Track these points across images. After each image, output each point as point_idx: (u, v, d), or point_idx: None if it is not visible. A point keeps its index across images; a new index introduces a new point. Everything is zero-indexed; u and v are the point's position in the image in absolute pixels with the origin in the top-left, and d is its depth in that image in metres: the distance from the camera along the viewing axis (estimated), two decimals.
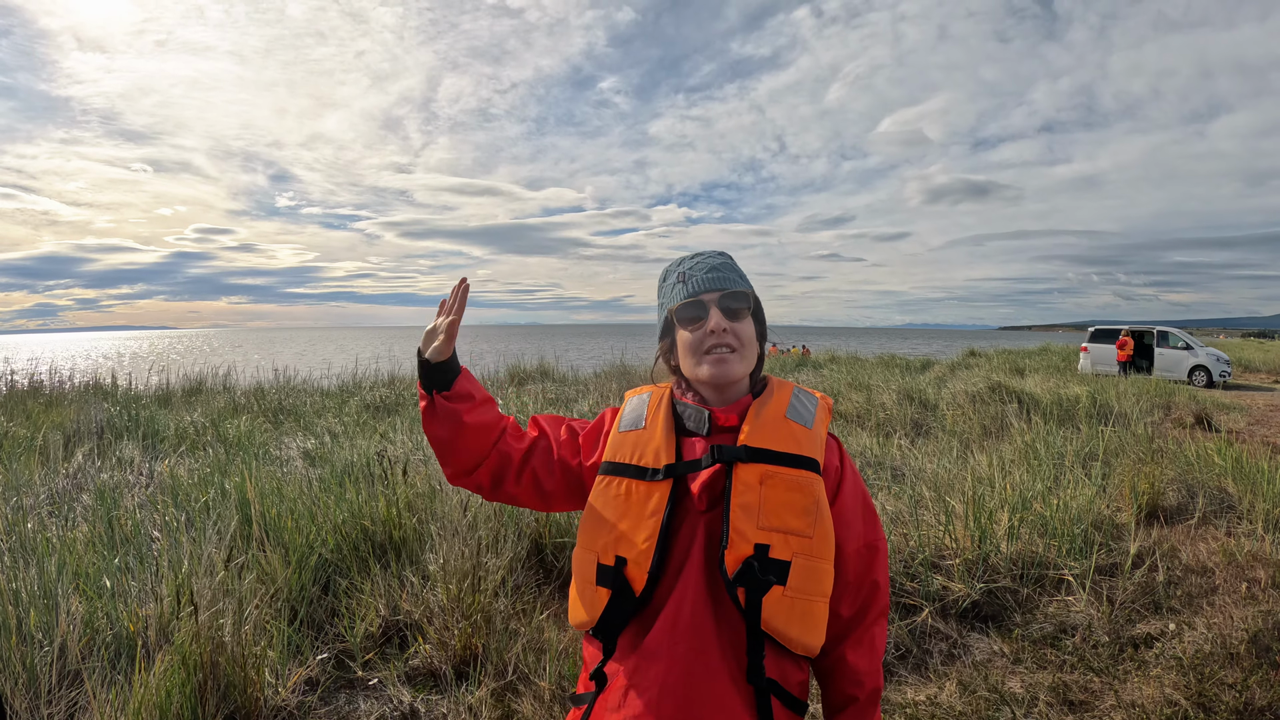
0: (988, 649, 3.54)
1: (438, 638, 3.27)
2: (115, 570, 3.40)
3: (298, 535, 3.91)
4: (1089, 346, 22.25)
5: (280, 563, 3.61)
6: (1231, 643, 3.39)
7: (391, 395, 11.65)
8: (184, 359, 21.16)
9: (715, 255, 1.39)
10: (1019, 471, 5.64)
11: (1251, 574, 4.18)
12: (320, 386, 13.24)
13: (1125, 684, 3.19)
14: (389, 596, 3.59)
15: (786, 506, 1.22)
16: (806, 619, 1.21)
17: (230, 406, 10.51)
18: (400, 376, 14.47)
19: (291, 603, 3.51)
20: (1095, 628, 3.66)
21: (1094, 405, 10.52)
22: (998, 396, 10.85)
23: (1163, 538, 4.87)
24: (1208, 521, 5.31)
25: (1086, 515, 4.81)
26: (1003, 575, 4.08)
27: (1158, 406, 11.85)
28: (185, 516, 4.12)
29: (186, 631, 2.68)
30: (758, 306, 1.39)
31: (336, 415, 9.46)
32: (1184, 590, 4.08)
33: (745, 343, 1.33)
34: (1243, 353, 32.83)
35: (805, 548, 1.21)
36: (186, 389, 12.72)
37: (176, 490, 4.72)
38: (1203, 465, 6.56)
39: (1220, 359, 20.24)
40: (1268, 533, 4.85)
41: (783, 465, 1.25)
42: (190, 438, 7.69)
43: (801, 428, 1.31)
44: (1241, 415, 12.10)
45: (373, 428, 8.17)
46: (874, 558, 1.34)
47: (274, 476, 4.95)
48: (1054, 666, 3.36)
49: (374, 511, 4.24)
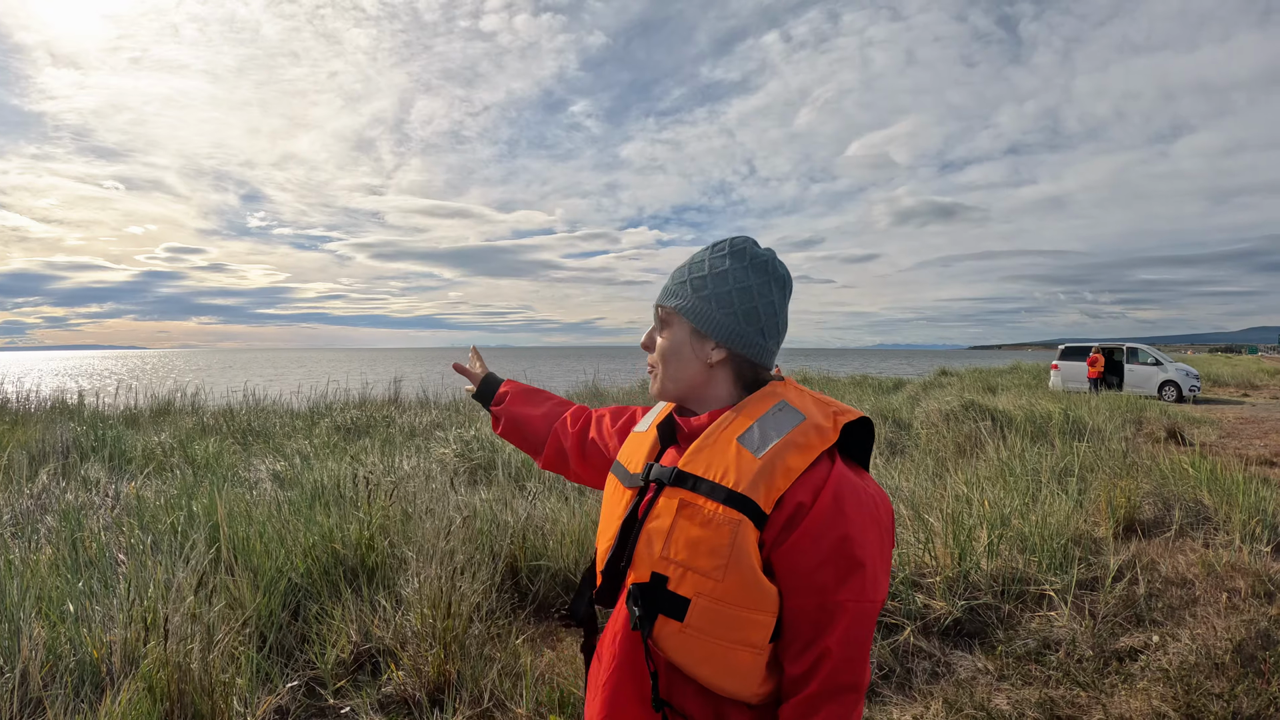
0: (971, 666, 3.50)
1: (411, 664, 3.17)
2: (79, 594, 3.28)
3: (267, 559, 3.80)
4: (1060, 364, 22.56)
5: (249, 587, 3.49)
6: (1216, 653, 3.39)
7: (362, 417, 11.46)
8: (152, 379, 20.79)
9: (697, 254, 1.27)
10: (996, 488, 5.64)
11: (1231, 584, 4.19)
12: (290, 408, 13.03)
13: (1112, 697, 3.17)
14: (361, 622, 3.48)
15: (694, 542, 1.09)
16: (717, 663, 1.09)
17: (199, 427, 10.29)
18: (371, 399, 14.27)
19: (260, 628, 3.40)
20: (1079, 642, 3.63)
21: (1067, 421, 10.61)
22: (971, 414, 10.92)
23: (1141, 551, 4.89)
24: (1184, 534, 5.33)
25: (1065, 530, 4.81)
26: (984, 592, 4.06)
27: (1130, 421, 11.99)
28: (151, 539, 3.98)
29: (153, 658, 2.57)
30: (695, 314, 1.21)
31: (306, 437, 9.29)
32: (1165, 602, 4.08)
33: (660, 360, 1.26)
34: (1211, 367, 33.46)
35: (711, 590, 1.07)
36: (154, 409, 12.46)
37: (143, 512, 4.58)
38: (1177, 478, 6.61)
39: (1189, 374, 20.58)
40: (1245, 543, 4.88)
41: (704, 496, 1.10)
42: (158, 459, 7.51)
43: (748, 455, 1.10)
44: (1213, 428, 12.27)
45: (343, 450, 8.02)
46: (831, 620, 1.07)
47: (243, 499, 4.82)
48: (1039, 682, 3.33)
49: (346, 535, 4.13)
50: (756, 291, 1.21)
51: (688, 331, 1.23)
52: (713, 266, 1.23)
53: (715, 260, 1.23)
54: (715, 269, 1.22)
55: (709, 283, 1.22)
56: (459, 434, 8.61)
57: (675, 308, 1.24)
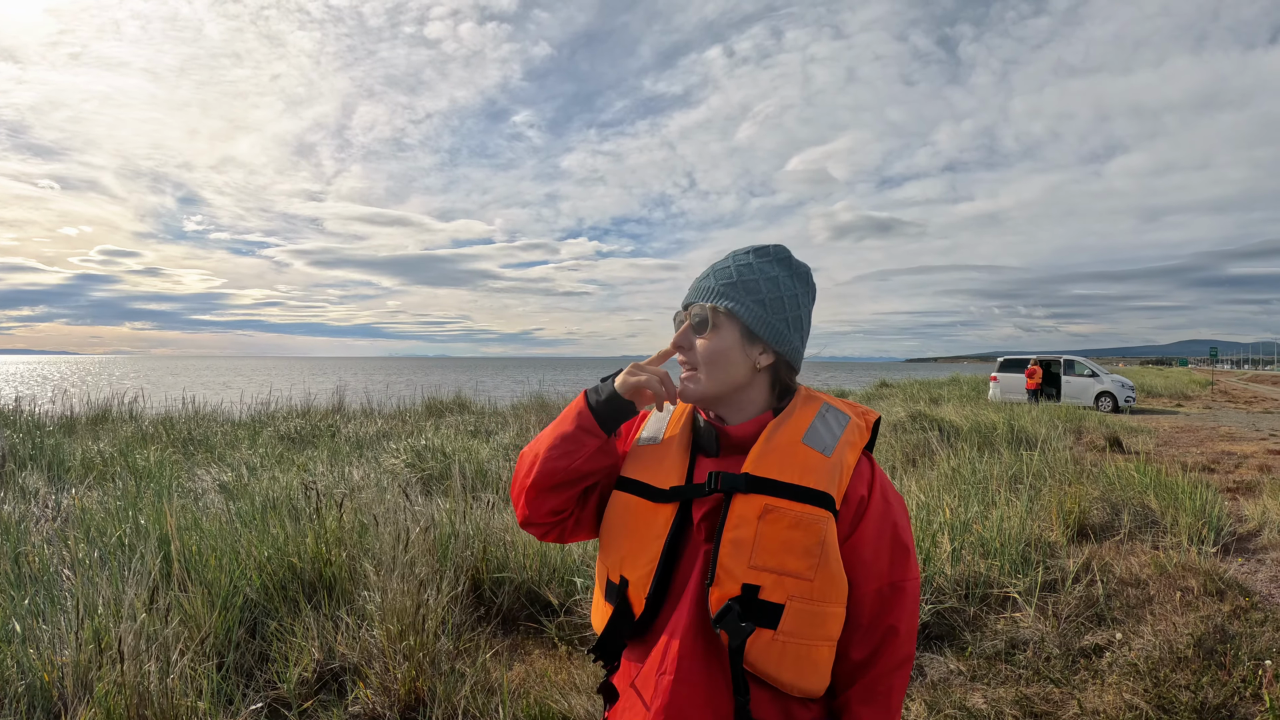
0: (944, 668, 3.52)
1: (379, 682, 3.04)
2: (24, 613, 3.06)
3: (221, 573, 3.62)
4: (999, 376, 23.12)
5: (204, 603, 3.32)
6: (1179, 647, 3.51)
7: (306, 426, 11.16)
8: (88, 385, 19.93)
9: (739, 256, 1.26)
10: (953, 496, 5.73)
11: (1184, 583, 4.33)
12: (231, 417, 12.61)
13: (1085, 692, 3.24)
14: (323, 639, 3.34)
15: (785, 546, 1.10)
16: (802, 664, 1.11)
17: (138, 435, 9.87)
18: (314, 408, 13.90)
19: (218, 647, 3.22)
20: (1046, 641, 3.70)
21: (1011, 431, 10.90)
22: (919, 425, 11.13)
23: (1095, 553, 5.01)
24: (1134, 537, 5.50)
25: (1021, 535, 4.90)
26: (949, 596, 4.11)
27: (1069, 431, 12.37)
28: (98, 553, 3.77)
29: (109, 681, 2.41)
30: (751, 318, 1.20)
31: (250, 447, 8.98)
32: (1123, 602, 4.19)
33: (705, 360, 1.20)
34: (1144, 379, 34.78)
35: (804, 591, 1.09)
36: (92, 416, 11.91)
37: (88, 524, 4.33)
38: (1124, 484, 6.82)
39: (1125, 385, 21.28)
40: (1193, 545, 5.05)
41: (788, 499, 1.12)
42: (98, 468, 7.17)
43: (818, 455, 1.15)
44: (1149, 437, 12.72)
45: (290, 460, 7.77)
46: (896, 600, 1.16)
47: (190, 510, 4.61)
48: (1013, 681, 3.37)
49: (302, 548, 3.97)
50: (800, 300, 1.26)
51: (738, 334, 1.22)
52: (763, 272, 1.24)
53: (764, 266, 1.24)
54: (766, 274, 1.24)
55: (763, 287, 1.23)
56: (410, 444, 8.43)
57: (730, 309, 1.21)
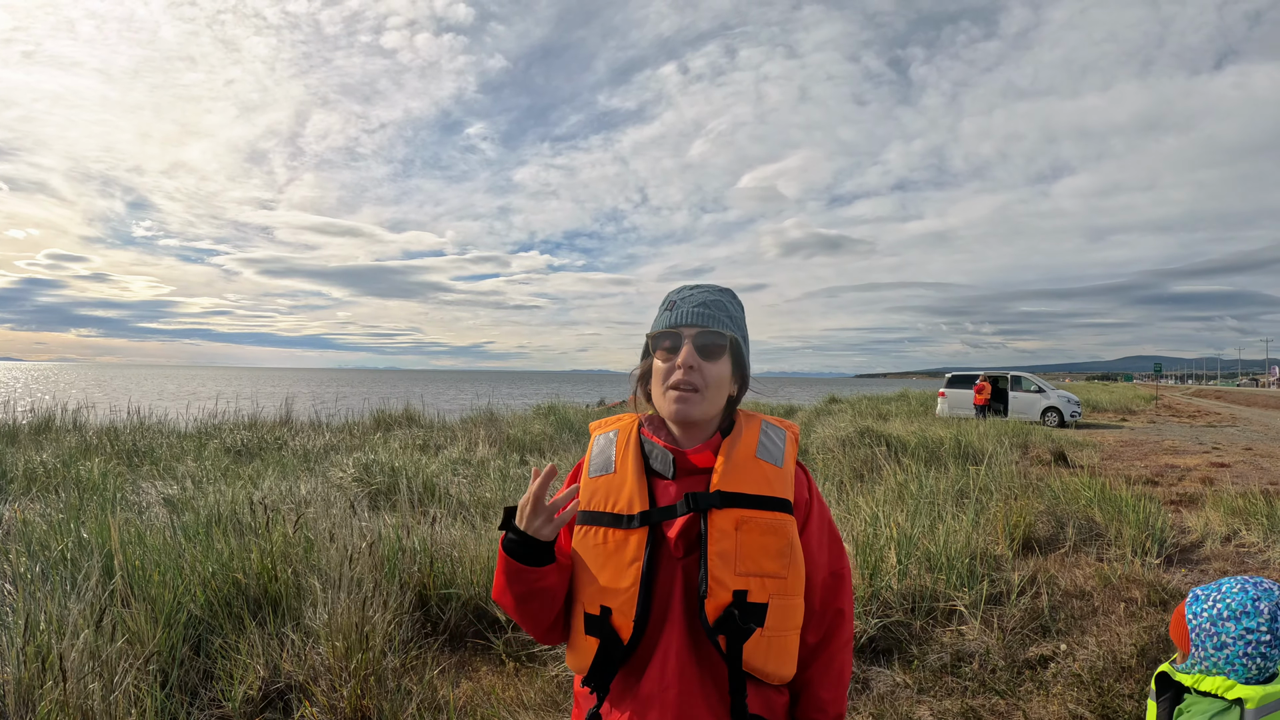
0: (890, 681, 3.56)
1: (325, 700, 2.99)
2: None
3: (165, 589, 3.51)
4: (946, 391, 23.37)
5: (147, 620, 3.22)
6: (1123, 657, 3.61)
7: (253, 439, 10.89)
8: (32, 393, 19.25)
9: (713, 291, 1.36)
10: (899, 511, 5.80)
11: (1128, 594, 4.45)
12: (176, 428, 12.25)
13: (1030, 703, 3.31)
14: (269, 656, 3.26)
15: (762, 550, 1.23)
16: (782, 654, 1.25)
17: (82, 446, 9.53)
18: (261, 420, 13.59)
19: (162, 665, 3.13)
20: (991, 653, 3.78)
21: (958, 446, 11.08)
22: (866, 440, 11.25)
23: (1040, 566, 5.12)
24: (1079, 549, 5.64)
25: (967, 549, 4.98)
26: (895, 610, 4.16)
27: (1016, 446, 12.60)
28: (40, 567, 3.64)
29: (51, 700, 2.34)
30: (738, 351, 1.35)
31: (196, 459, 8.75)
32: (1067, 613, 4.29)
33: (712, 384, 1.29)
34: (1090, 394, 35.61)
35: (780, 588, 1.23)
36: (34, 426, 11.48)
37: (29, 537, 4.19)
38: (1069, 497, 6.98)
39: (1071, 400, 21.77)
40: (1137, 556, 5.19)
41: (757, 509, 1.25)
42: (41, 479, 6.93)
43: (773, 467, 1.30)
44: (1095, 451, 13.05)
45: (236, 473, 7.59)
46: (839, 586, 1.36)
47: (134, 524, 4.48)
48: (959, 693, 3.43)
49: (247, 563, 3.89)
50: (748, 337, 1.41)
51: (729, 364, 1.33)
52: (732, 309, 1.36)
53: (730, 303, 1.37)
54: (733, 312, 1.36)
55: (739, 324, 1.37)
56: (357, 458, 8.28)
57: (733, 340, 1.34)
